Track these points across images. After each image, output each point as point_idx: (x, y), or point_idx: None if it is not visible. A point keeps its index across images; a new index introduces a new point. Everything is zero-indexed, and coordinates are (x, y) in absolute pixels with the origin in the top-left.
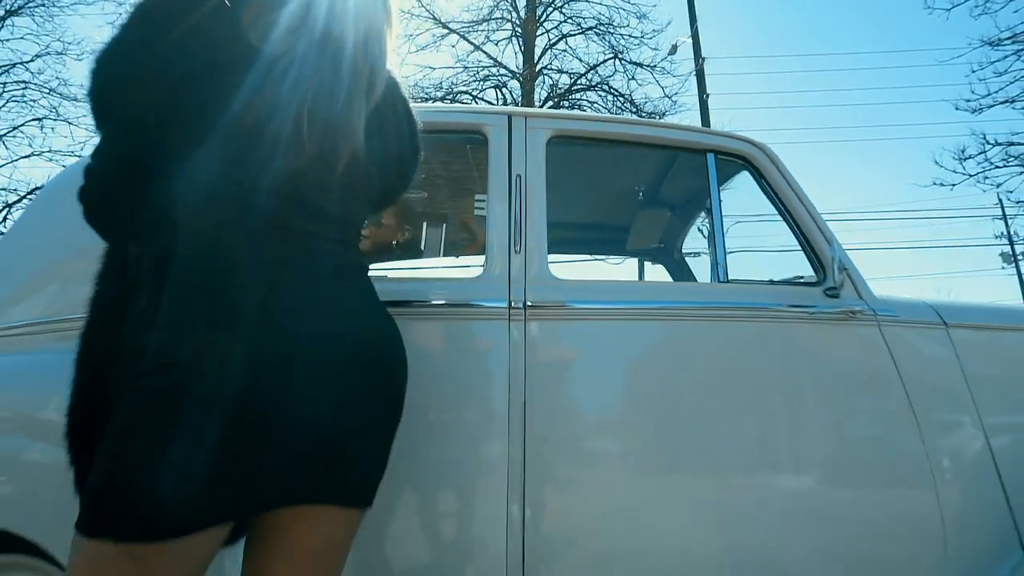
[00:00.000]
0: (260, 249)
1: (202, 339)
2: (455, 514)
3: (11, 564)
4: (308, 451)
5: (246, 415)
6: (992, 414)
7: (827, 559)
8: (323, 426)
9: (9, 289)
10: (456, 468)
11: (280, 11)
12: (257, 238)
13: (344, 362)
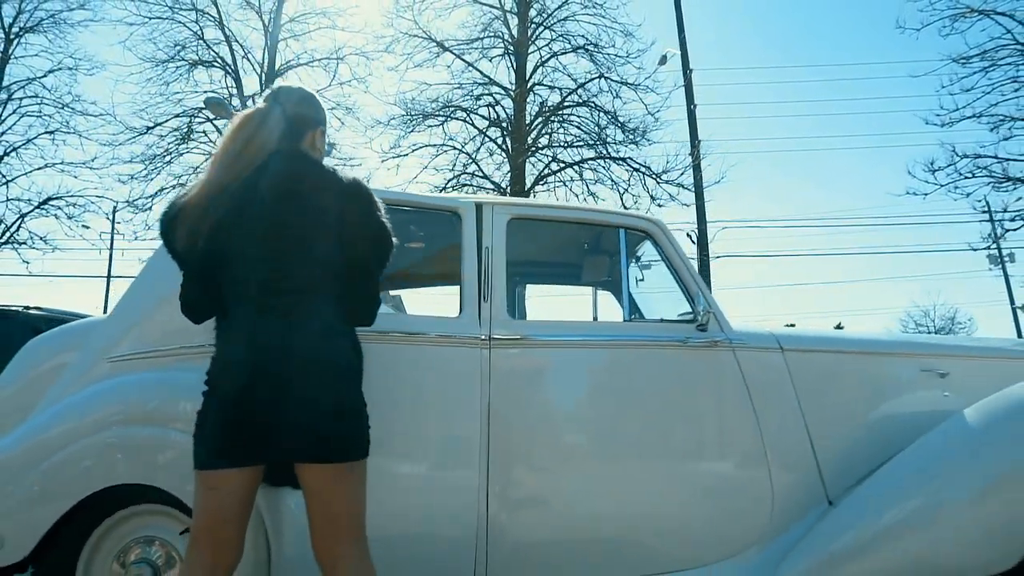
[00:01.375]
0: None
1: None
2: (435, 479)
3: (161, 513)
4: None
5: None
6: (811, 412)
7: (697, 512)
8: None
9: (131, 326)
10: (445, 445)
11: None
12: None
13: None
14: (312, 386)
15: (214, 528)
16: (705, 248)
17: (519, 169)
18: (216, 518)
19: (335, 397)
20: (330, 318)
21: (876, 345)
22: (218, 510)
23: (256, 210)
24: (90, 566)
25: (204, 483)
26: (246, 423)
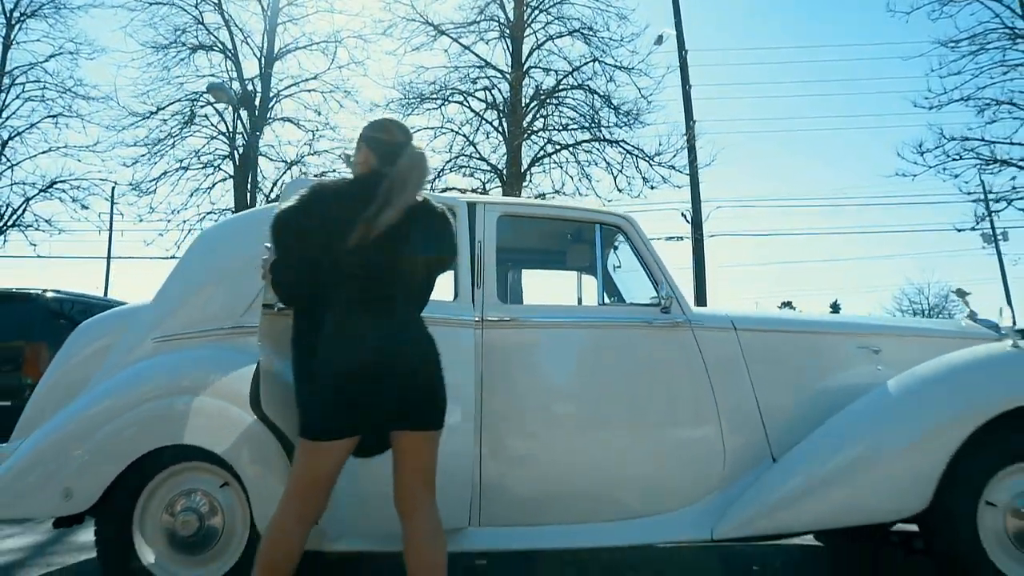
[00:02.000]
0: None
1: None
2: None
3: (205, 471)
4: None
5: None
6: (759, 383)
7: (659, 467)
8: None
9: (172, 310)
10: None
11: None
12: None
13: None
14: (425, 373)
15: (311, 487)
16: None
17: (515, 151)
18: (316, 480)
19: (439, 380)
20: (417, 314)
21: (818, 325)
22: (319, 473)
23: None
24: (144, 515)
25: (313, 451)
26: (365, 403)
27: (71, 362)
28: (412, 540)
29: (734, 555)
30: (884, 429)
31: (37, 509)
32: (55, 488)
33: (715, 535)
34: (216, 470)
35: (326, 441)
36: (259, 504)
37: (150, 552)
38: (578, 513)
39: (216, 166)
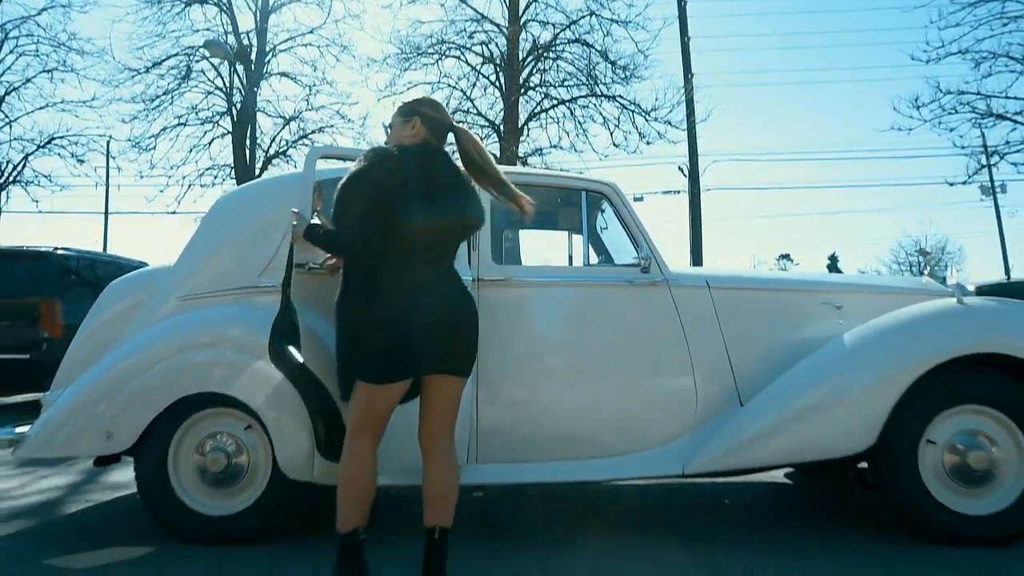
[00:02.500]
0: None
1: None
2: None
3: (231, 415)
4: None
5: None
6: (730, 336)
7: (638, 411)
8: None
9: (195, 271)
10: None
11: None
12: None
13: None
14: (470, 322)
15: (373, 422)
16: (696, 181)
17: (512, 107)
18: (377, 416)
19: (476, 331)
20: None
21: (784, 283)
22: (379, 411)
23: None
24: (177, 455)
25: (374, 392)
26: (422, 347)
27: (102, 319)
28: (431, 473)
29: (709, 491)
30: (839, 375)
31: (82, 449)
32: (98, 431)
33: (686, 470)
34: (239, 414)
35: (388, 384)
36: (279, 443)
37: (184, 487)
38: (564, 451)
39: (215, 122)
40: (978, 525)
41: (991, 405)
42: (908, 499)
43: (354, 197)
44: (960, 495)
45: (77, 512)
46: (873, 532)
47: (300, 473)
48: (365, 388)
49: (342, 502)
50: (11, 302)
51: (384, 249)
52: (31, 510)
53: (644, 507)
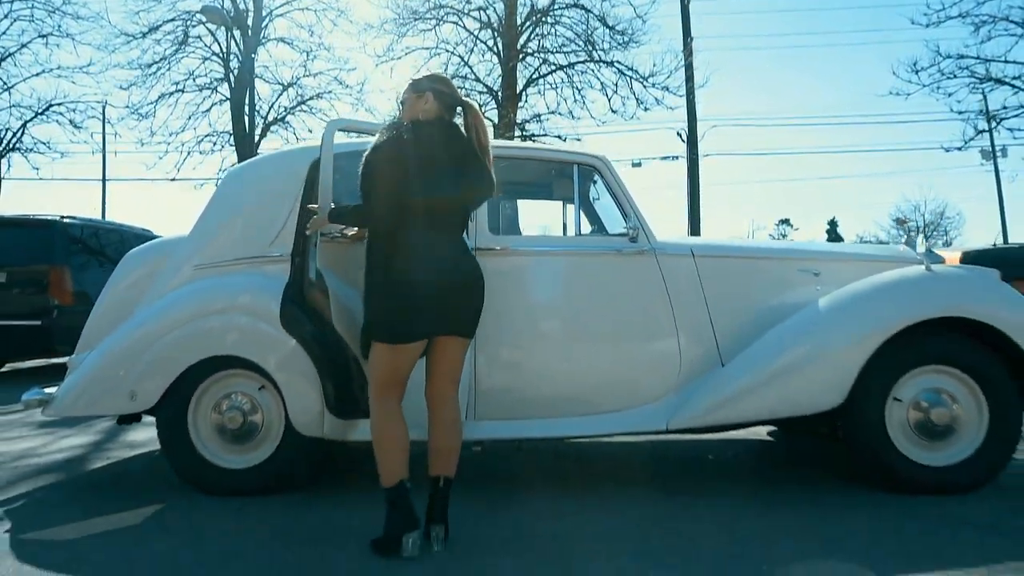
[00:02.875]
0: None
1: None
2: None
3: (246, 376)
4: (452, 309)
5: (435, 303)
6: (713, 301)
7: (626, 371)
8: (455, 299)
9: (208, 241)
10: None
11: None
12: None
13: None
14: (479, 288)
15: (393, 381)
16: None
17: (510, 73)
18: (398, 374)
19: (483, 297)
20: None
21: (764, 252)
22: (400, 369)
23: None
24: (196, 413)
25: (393, 352)
26: (438, 310)
27: (121, 286)
28: (436, 427)
29: (693, 448)
30: (813, 338)
31: (108, 408)
32: (122, 391)
33: (670, 426)
34: (253, 376)
35: (407, 343)
36: (291, 401)
37: (204, 443)
38: (557, 409)
39: (213, 88)
40: (939, 475)
41: (954, 365)
42: (874, 452)
43: (379, 172)
44: (922, 448)
45: (100, 468)
46: (850, 484)
47: (311, 429)
48: (382, 349)
49: (381, 460)
50: (21, 270)
51: (401, 216)
52: (56, 466)
53: (632, 462)
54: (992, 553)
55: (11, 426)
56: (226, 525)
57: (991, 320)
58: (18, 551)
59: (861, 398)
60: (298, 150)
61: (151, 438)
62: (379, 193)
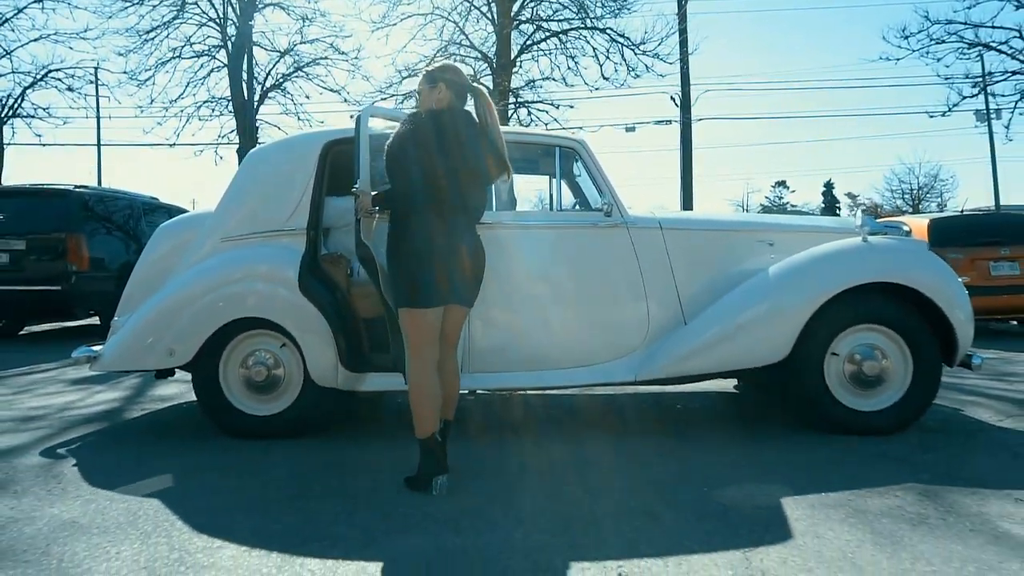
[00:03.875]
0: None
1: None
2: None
3: (269, 335)
4: (466, 282)
5: (449, 267)
6: (678, 269)
7: (601, 330)
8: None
9: (232, 216)
10: None
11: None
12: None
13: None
14: (481, 266)
15: (424, 342)
16: (687, 110)
17: (505, 40)
18: (431, 334)
19: (483, 272)
20: None
21: (725, 225)
22: (431, 330)
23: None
24: (226, 368)
25: (422, 316)
26: (462, 278)
27: (154, 256)
28: (442, 378)
29: (663, 399)
30: (763, 300)
31: (149, 363)
32: (162, 349)
33: (637, 378)
34: (276, 335)
35: (432, 307)
36: (309, 357)
37: (233, 393)
38: (540, 363)
39: (211, 55)
40: (870, 419)
41: (884, 324)
42: (814, 399)
43: (402, 159)
44: (855, 396)
45: (137, 417)
46: (796, 428)
47: (327, 381)
48: (408, 313)
49: (417, 413)
50: (40, 238)
51: (426, 196)
52: (98, 416)
53: (609, 411)
54: (895, 478)
55: (45, 383)
56: (256, 462)
57: (916, 285)
58: (89, 479)
59: (804, 352)
60: (312, 134)
61: (177, 392)
62: (402, 178)
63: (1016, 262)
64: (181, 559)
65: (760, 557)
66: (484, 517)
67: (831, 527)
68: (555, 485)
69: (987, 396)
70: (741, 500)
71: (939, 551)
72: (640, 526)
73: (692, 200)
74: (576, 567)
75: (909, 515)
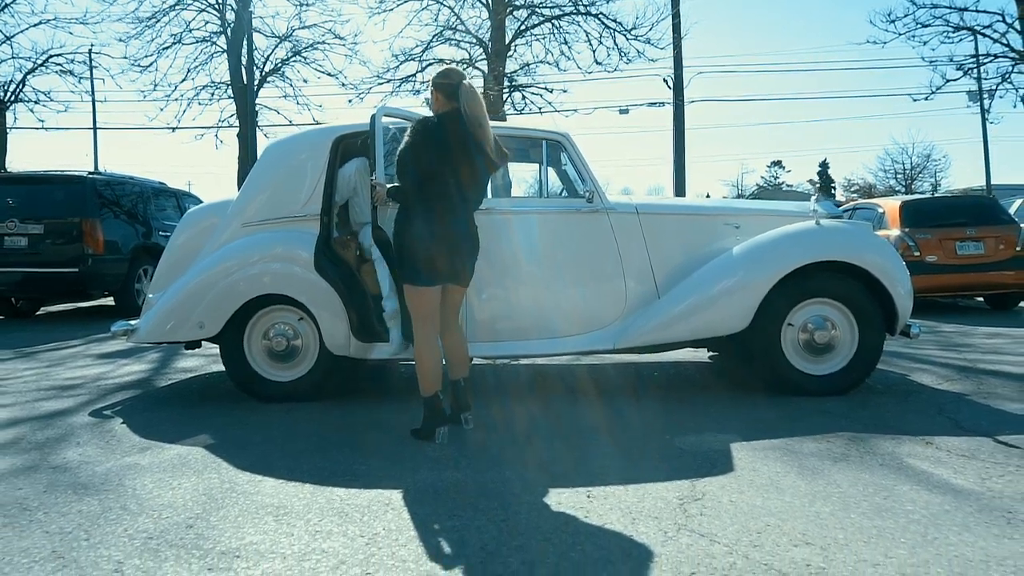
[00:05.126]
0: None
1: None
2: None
3: (288, 310)
4: (459, 266)
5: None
6: (653, 250)
7: (582, 304)
8: (460, 260)
9: (252, 203)
10: None
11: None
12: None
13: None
14: (476, 251)
15: (430, 313)
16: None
17: (499, 25)
18: (431, 309)
19: (477, 256)
20: None
21: (695, 209)
22: (431, 306)
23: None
24: (250, 339)
25: (422, 293)
26: (457, 262)
27: (183, 238)
28: (449, 343)
29: (642, 369)
30: (727, 277)
31: (181, 335)
32: (193, 322)
33: (616, 346)
34: (294, 310)
35: (432, 286)
36: (325, 329)
37: (257, 362)
38: (530, 334)
39: (211, 40)
40: (820, 381)
41: (833, 298)
42: (771, 364)
43: (410, 159)
44: (808, 361)
45: (166, 386)
46: (754, 389)
47: (340, 350)
48: (411, 290)
49: (422, 375)
50: (56, 222)
51: (430, 190)
52: (130, 385)
53: (592, 378)
54: (831, 428)
55: (74, 358)
56: (280, 421)
57: (861, 263)
58: (138, 433)
59: (763, 323)
60: (324, 129)
61: (198, 365)
62: (409, 176)
63: (981, 242)
64: (232, 488)
65: (704, 484)
66: (481, 459)
67: (766, 463)
68: (541, 436)
69: (934, 364)
70: (697, 445)
71: (849, 478)
72: (608, 464)
73: (685, 181)
74: (554, 492)
75: (834, 455)
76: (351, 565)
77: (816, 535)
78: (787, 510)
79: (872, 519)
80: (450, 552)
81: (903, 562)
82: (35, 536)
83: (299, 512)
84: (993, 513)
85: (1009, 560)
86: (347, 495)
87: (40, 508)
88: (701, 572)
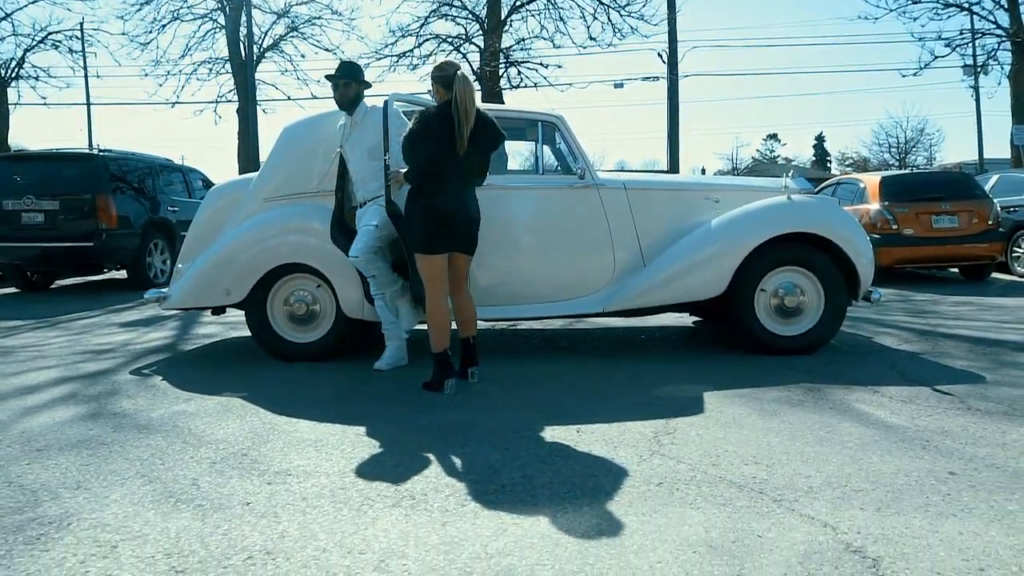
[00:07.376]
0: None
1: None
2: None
3: (307, 278)
4: (461, 236)
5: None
6: (639, 222)
7: (574, 272)
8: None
9: (272, 181)
10: None
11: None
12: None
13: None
14: (478, 222)
15: (439, 278)
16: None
17: (495, 1)
18: (440, 274)
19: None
20: None
21: (679, 185)
22: (440, 270)
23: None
24: (272, 305)
25: (431, 260)
26: (458, 233)
27: (209, 212)
28: (460, 307)
29: (630, 332)
30: (706, 246)
31: (210, 301)
32: (221, 289)
33: (604, 309)
34: (313, 278)
35: (439, 254)
36: (342, 294)
37: (279, 325)
38: (526, 298)
39: (209, 17)
40: (789, 341)
41: (802, 266)
42: (746, 326)
43: (415, 145)
44: (779, 323)
45: (191, 350)
46: (731, 350)
47: (355, 314)
48: (421, 258)
49: (433, 333)
50: (71, 198)
51: (432, 171)
52: (158, 349)
53: (583, 339)
54: (793, 380)
55: (99, 326)
56: (304, 378)
57: (827, 234)
58: (180, 387)
59: (738, 289)
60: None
61: (217, 331)
62: (415, 161)
63: (956, 216)
64: (272, 427)
65: (676, 422)
66: (486, 404)
67: (732, 407)
68: (539, 387)
69: (899, 328)
70: (674, 393)
71: (800, 418)
72: (595, 408)
73: (678, 155)
74: (549, 428)
75: (792, 401)
76: (384, 481)
77: (764, 457)
78: (743, 440)
79: (812, 446)
80: (463, 470)
81: (830, 474)
82: (118, 462)
83: (334, 444)
84: (913, 442)
85: (914, 472)
86: (373, 431)
87: (115, 443)
88: (667, 483)
